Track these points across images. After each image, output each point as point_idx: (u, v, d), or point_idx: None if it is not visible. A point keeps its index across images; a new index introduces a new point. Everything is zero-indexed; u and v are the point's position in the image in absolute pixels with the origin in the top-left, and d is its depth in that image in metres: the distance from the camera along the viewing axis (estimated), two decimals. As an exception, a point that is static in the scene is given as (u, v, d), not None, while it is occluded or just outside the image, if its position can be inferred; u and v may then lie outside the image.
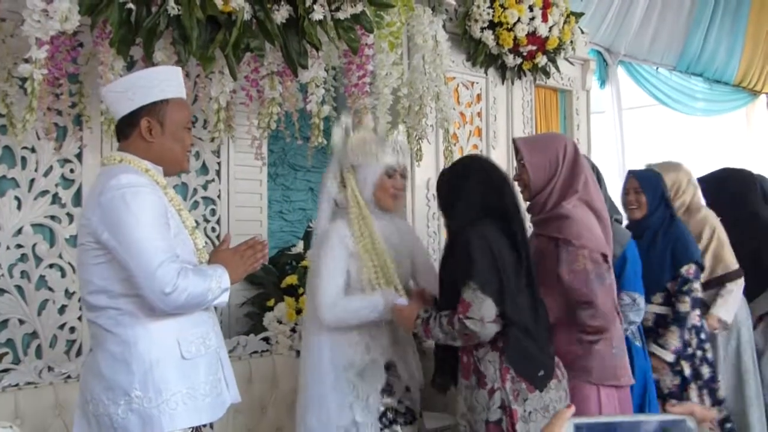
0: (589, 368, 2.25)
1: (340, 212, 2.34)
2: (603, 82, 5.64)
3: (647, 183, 3.03)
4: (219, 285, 1.88)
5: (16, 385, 2.39)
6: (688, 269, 2.90)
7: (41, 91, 2.26)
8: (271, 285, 3.21)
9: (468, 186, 2.19)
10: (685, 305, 2.87)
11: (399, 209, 2.45)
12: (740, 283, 3.29)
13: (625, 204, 3.08)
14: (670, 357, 2.88)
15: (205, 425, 1.89)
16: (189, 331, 1.87)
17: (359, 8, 2.55)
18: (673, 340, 2.87)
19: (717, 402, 2.99)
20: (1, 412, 2.24)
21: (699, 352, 2.97)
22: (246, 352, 2.94)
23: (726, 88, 6.72)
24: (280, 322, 3.02)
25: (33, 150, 2.71)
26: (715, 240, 3.27)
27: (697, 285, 2.93)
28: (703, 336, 2.99)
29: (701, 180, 3.53)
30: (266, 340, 3.00)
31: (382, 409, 2.25)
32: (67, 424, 2.43)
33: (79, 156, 2.80)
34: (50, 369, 2.48)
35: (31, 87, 2.17)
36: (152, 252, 1.76)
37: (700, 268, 2.98)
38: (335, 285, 2.24)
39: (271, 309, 3.09)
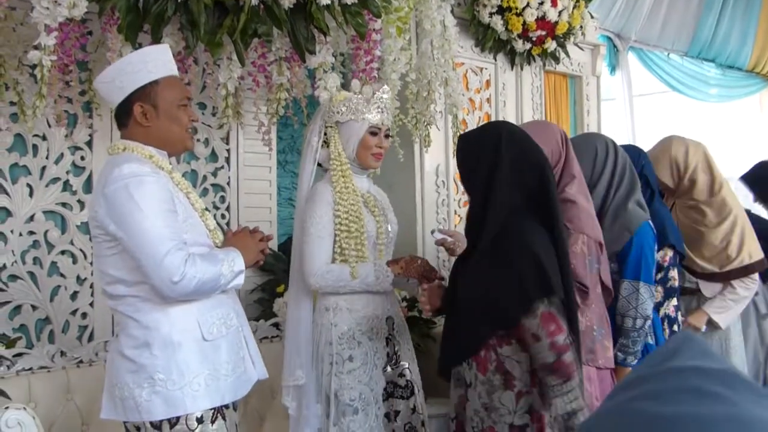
0: None
1: (322, 174, 2.37)
2: (613, 69, 5.60)
3: None
4: (231, 268, 1.89)
5: (30, 369, 2.42)
6: (663, 255, 2.63)
7: (51, 78, 2.27)
8: (281, 271, 3.22)
9: (503, 168, 1.93)
10: (657, 296, 2.58)
11: (377, 168, 2.44)
12: (753, 288, 2.99)
13: None
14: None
15: (227, 405, 1.91)
16: (209, 312, 1.89)
17: (367, -7, 2.55)
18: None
19: None
20: (14, 395, 2.27)
21: None
22: (256, 337, 2.92)
23: (739, 74, 6.66)
24: (289, 308, 3.04)
25: (44, 138, 2.73)
26: (738, 228, 2.94)
27: (674, 273, 2.68)
28: (676, 328, 2.73)
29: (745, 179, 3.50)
30: (276, 325, 3.02)
31: (383, 383, 2.28)
32: (80, 407, 2.46)
33: (89, 143, 2.83)
34: (63, 354, 2.51)
35: (41, 73, 2.19)
36: (158, 241, 1.76)
37: (679, 254, 2.71)
38: (324, 251, 2.24)
39: (280, 295, 3.10)
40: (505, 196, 1.91)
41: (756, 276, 3.03)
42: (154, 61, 1.92)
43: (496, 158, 1.93)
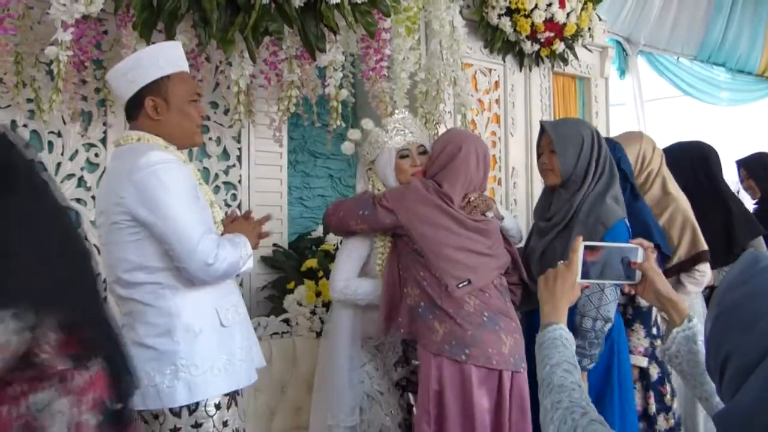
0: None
1: None
2: (623, 73, 5.61)
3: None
4: (246, 252, 1.96)
5: (44, 360, 2.46)
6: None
7: (67, 74, 2.32)
8: (291, 269, 3.25)
9: None
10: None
11: None
12: (702, 282, 2.87)
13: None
14: (644, 362, 2.53)
15: (238, 392, 1.95)
16: (225, 299, 1.94)
17: (376, -8, 2.59)
18: (640, 340, 2.53)
19: (665, 408, 2.61)
20: (29, 385, 2.30)
21: (650, 349, 2.62)
22: (267, 333, 2.99)
23: (749, 78, 6.65)
24: (300, 304, 3.06)
25: (59, 134, 2.78)
26: (680, 216, 2.87)
27: None
28: (654, 331, 2.60)
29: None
30: (286, 321, 3.05)
31: (396, 378, 2.31)
32: (93, 398, 2.49)
33: (103, 140, 2.88)
34: (77, 346, 2.54)
35: (57, 68, 2.24)
36: (191, 226, 1.83)
37: (663, 254, 2.62)
38: (348, 269, 2.35)
39: (291, 291, 3.13)
40: None
41: (705, 268, 2.86)
42: (165, 57, 1.97)
43: None
